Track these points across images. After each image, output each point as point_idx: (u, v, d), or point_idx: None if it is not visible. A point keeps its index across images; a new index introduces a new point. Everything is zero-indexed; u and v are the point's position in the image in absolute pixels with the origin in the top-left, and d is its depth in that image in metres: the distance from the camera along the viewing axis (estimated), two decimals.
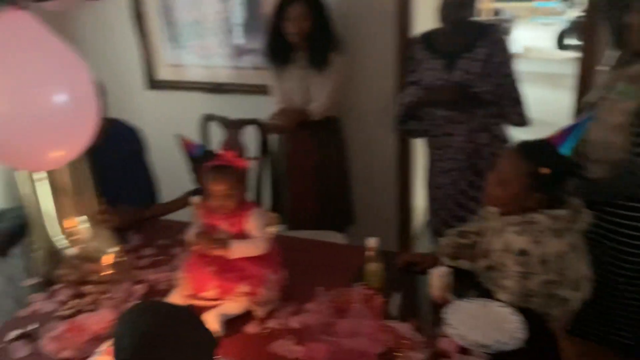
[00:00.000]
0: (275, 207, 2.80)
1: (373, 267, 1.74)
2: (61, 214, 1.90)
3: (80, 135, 1.44)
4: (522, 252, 1.55)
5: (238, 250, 1.67)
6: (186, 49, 3.26)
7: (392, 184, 3.01)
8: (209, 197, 1.70)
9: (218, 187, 1.67)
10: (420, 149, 2.93)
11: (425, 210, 2.80)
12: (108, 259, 1.92)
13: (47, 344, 1.58)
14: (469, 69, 2.31)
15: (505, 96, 2.32)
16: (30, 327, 1.67)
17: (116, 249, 1.96)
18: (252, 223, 1.71)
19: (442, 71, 2.37)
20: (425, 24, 2.58)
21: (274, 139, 2.79)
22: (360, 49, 2.79)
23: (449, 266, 1.72)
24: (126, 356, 0.98)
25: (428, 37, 2.46)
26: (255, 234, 1.70)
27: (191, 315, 1.09)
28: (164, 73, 3.38)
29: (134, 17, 3.27)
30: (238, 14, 3.03)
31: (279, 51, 2.59)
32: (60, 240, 1.92)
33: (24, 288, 1.94)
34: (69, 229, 1.92)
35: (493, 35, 2.33)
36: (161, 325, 1.01)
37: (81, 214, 1.93)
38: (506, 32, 7.48)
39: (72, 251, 1.92)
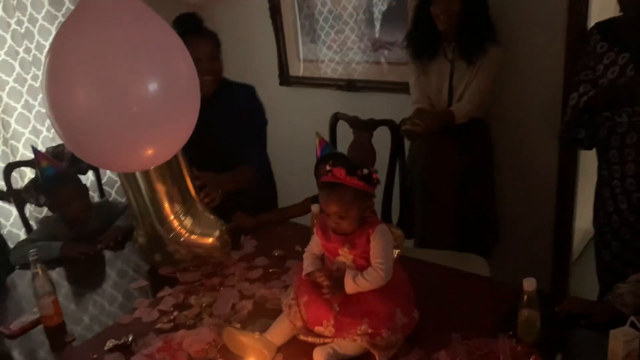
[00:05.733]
0: (405, 221, 2.45)
1: (529, 316, 1.34)
2: (158, 201, 1.83)
3: (175, 133, 1.24)
4: None
5: (352, 286, 1.37)
6: (322, 43, 3.10)
7: (549, 202, 2.54)
8: (325, 215, 1.42)
9: (330, 208, 1.39)
10: (588, 161, 2.39)
11: (592, 240, 2.27)
12: (210, 241, 1.90)
13: None
14: None
15: None
16: (125, 339, 1.52)
17: (217, 232, 1.92)
18: (374, 246, 1.39)
19: (626, 67, 1.87)
20: (602, 12, 2.13)
21: (409, 143, 2.45)
22: (521, 39, 2.38)
23: (634, 325, 1.26)
24: None
25: (607, 27, 1.98)
26: (376, 261, 1.39)
27: None
28: (298, 69, 3.26)
29: (271, 11, 3.17)
30: (380, 4, 2.78)
31: (424, 40, 2.27)
32: (161, 227, 1.85)
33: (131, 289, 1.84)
34: (168, 215, 1.84)
35: None
36: None
37: (179, 200, 1.87)
38: None
39: (174, 237, 1.85)
